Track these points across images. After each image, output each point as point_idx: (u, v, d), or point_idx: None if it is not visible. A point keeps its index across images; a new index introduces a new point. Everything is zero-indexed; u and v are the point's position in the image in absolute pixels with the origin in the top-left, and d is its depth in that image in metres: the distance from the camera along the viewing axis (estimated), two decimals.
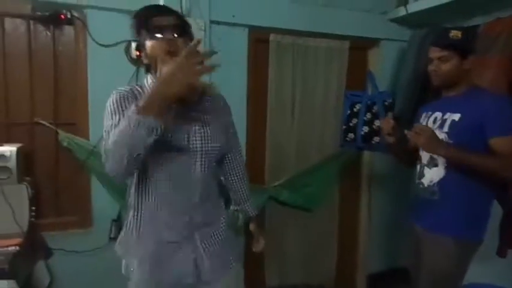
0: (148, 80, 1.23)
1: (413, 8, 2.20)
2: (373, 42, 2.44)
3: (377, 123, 2.29)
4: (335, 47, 2.32)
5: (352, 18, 2.30)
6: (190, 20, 1.89)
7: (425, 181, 1.60)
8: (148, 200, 1.21)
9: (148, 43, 1.15)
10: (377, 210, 2.60)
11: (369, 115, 2.30)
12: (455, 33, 1.51)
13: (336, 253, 2.55)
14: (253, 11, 2.07)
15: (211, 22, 2.03)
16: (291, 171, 2.34)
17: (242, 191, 1.48)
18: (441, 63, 1.51)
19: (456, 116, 1.50)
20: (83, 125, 1.95)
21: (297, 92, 2.29)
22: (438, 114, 1.58)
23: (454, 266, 1.53)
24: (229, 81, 2.08)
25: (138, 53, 1.87)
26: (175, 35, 1.15)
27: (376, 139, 2.30)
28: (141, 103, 0.98)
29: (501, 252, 1.84)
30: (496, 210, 1.84)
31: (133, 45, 1.92)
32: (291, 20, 2.18)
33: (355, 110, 2.32)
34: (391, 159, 2.31)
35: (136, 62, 1.95)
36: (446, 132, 1.52)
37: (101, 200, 2.00)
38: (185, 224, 1.23)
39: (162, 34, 1.14)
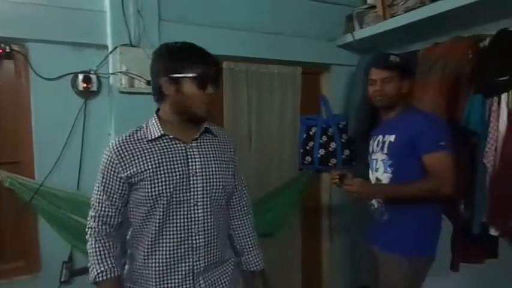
0: (152, 120, 1.25)
1: (359, 34, 2.32)
2: (324, 67, 2.53)
3: (333, 145, 2.35)
4: (288, 73, 2.37)
5: (302, 45, 2.36)
6: (139, 51, 1.91)
7: (375, 202, 1.67)
8: (146, 249, 1.20)
9: (189, 88, 1.18)
10: (339, 231, 2.63)
11: (324, 138, 2.35)
12: (393, 58, 1.63)
13: (300, 275, 2.53)
14: (206, 40, 2.05)
15: None
16: (251, 198, 2.31)
17: (249, 237, 1.41)
18: (385, 84, 1.60)
19: (392, 137, 1.60)
20: (28, 163, 1.84)
21: (252, 118, 2.31)
22: (380, 137, 1.68)
23: (408, 283, 1.58)
24: None
25: (85, 85, 1.84)
26: (215, 89, 1.22)
27: (333, 161, 2.35)
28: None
29: (454, 266, 1.91)
30: (447, 225, 1.92)
31: (81, 77, 1.85)
32: (243, 48, 2.21)
33: (311, 133, 2.37)
34: None
35: (84, 94, 1.88)
36: (386, 154, 1.61)
37: (50, 242, 1.87)
38: (187, 271, 1.21)
39: (206, 85, 1.19)
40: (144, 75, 1.92)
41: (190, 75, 1.17)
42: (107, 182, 1.20)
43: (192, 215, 1.20)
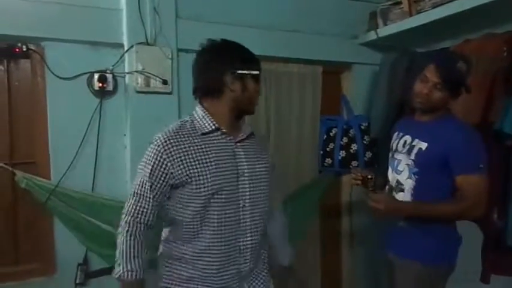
0: (200, 113, 1.24)
1: (383, 32, 2.21)
2: (346, 66, 2.44)
3: (354, 147, 2.26)
4: (308, 72, 2.29)
5: (323, 43, 2.28)
6: (155, 49, 1.87)
7: None
8: (198, 250, 1.19)
9: (252, 84, 1.23)
10: (360, 237, 2.53)
11: (345, 139, 2.27)
12: (461, 65, 1.42)
13: (319, 284, 2.44)
14: (222, 36, 1.98)
15: (179, 50, 1.96)
16: None
17: (281, 234, 1.44)
18: (435, 90, 1.45)
19: (423, 145, 1.48)
20: (43, 164, 1.82)
21: (271, 119, 2.23)
22: (408, 138, 1.56)
23: None
24: None
25: (100, 85, 1.80)
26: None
27: (354, 163, 2.27)
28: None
29: (484, 279, 1.81)
30: (478, 235, 1.81)
31: (96, 76, 1.82)
32: (261, 47, 2.09)
33: (331, 134, 2.29)
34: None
35: (100, 93, 1.85)
36: (413, 160, 1.50)
37: (65, 244, 1.84)
38: (234, 274, 1.21)
39: (260, 82, 1.28)
40: (160, 75, 1.88)
41: (254, 72, 1.23)
42: (153, 177, 1.16)
43: (241, 216, 1.20)
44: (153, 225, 1.22)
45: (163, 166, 1.15)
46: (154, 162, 1.16)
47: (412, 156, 1.50)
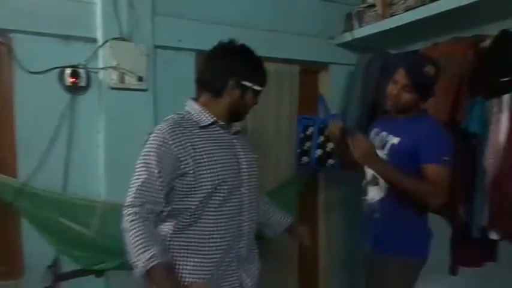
0: (196, 107, 1.26)
1: (358, 33, 2.27)
2: (322, 66, 2.48)
3: (330, 145, 2.29)
4: (285, 71, 2.30)
5: (300, 43, 2.31)
6: (131, 45, 1.83)
7: (368, 198, 1.64)
8: (202, 239, 1.20)
9: (250, 97, 1.28)
10: (336, 232, 2.58)
11: (321, 138, 2.30)
12: (428, 69, 1.48)
13: (297, 281, 2.47)
14: (200, 35, 1.99)
15: (156, 47, 1.93)
16: None
17: (270, 206, 1.53)
18: (404, 92, 1.51)
19: (396, 140, 1.55)
20: (10, 161, 1.73)
21: (248, 118, 2.22)
22: (383, 134, 1.62)
23: (401, 284, 1.57)
24: (177, 106, 1.97)
25: (72, 80, 1.76)
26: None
27: (331, 161, 2.30)
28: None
29: (453, 270, 1.88)
30: (446, 229, 1.89)
31: (68, 71, 1.76)
32: None
33: (308, 133, 2.31)
34: (348, 182, 2.34)
35: (72, 89, 1.78)
36: (386, 154, 1.57)
37: (33, 245, 1.76)
38: (233, 258, 1.23)
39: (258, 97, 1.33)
40: (135, 71, 1.84)
41: (256, 87, 1.27)
42: (160, 163, 1.14)
43: (242, 203, 1.24)
44: (159, 216, 1.19)
45: (171, 151, 1.15)
46: (160, 148, 1.15)
47: (386, 151, 1.57)
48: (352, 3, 2.39)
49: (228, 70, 1.24)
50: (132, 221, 1.12)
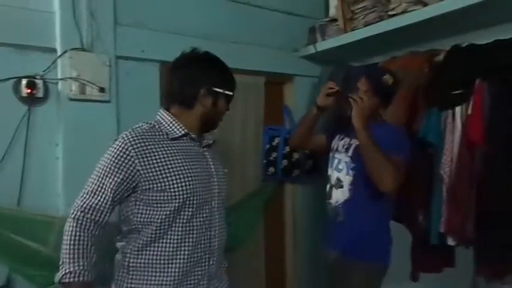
0: (168, 118, 1.23)
1: (321, 46, 2.33)
2: (287, 77, 2.52)
3: (295, 156, 2.32)
4: (251, 83, 2.32)
5: (265, 55, 2.34)
6: (92, 55, 1.79)
7: (333, 201, 1.67)
8: (167, 254, 1.15)
9: (222, 103, 1.27)
10: (303, 241, 2.59)
11: (287, 148, 2.33)
12: (387, 78, 1.59)
13: (264, 285, 2.45)
14: (164, 46, 1.97)
15: (118, 57, 1.90)
16: None
17: None
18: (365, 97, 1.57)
19: (358, 142, 1.59)
20: None
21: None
22: (347, 139, 1.69)
23: None
24: (140, 117, 1.93)
25: (29, 91, 1.70)
26: None
27: (296, 172, 2.33)
28: None
29: (414, 277, 1.93)
30: (407, 236, 1.95)
31: (24, 81, 1.69)
32: None
33: (274, 144, 2.34)
34: (314, 191, 2.37)
35: (28, 100, 1.72)
36: (350, 156, 1.62)
37: None
38: (202, 275, 1.20)
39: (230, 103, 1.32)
40: (97, 82, 1.80)
41: (228, 92, 1.27)
42: (116, 172, 1.10)
43: (212, 217, 1.20)
44: (104, 226, 1.15)
45: (130, 163, 1.10)
46: (120, 157, 1.10)
47: (350, 153, 1.62)
48: (316, 17, 2.46)
49: (197, 79, 1.22)
50: (71, 227, 1.10)
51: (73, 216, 1.12)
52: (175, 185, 1.13)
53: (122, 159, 1.11)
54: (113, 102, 1.87)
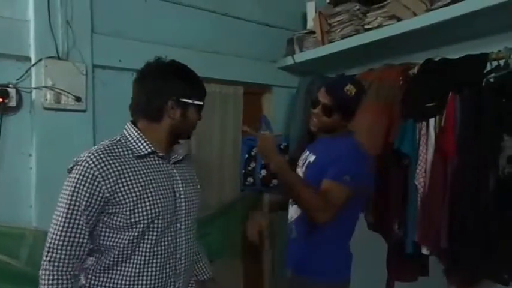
0: (134, 134, 1.17)
1: (299, 58, 2.37)
2: (266, 88, 2.54)
3: None
4: (230, 93, 2.34)
5: (244, 65, 2.36)
6: (68, 64, 1.76)
7: (289, 217, 1.63)
8: (130, 278, 1.10)
9: (193, 114, 1.20)
10: (280, 254, 2.58)
11: None
12: (349, 89, 1.45)
13: None
14: (142, 55, 1.94)
15: (95, 66, 1.88)
16: None
17: (197, 248, 1.39)
18: (324, 111, 1.48)
19: (312, 158, 1.56)
20: None
21: (191, 138, 2.20)
22: (306, 153, 1.63)
23: None
24: (117, 128, 1.91)
25: (1, 100, 1.66)
26: None
27: (275, 181, 2.33)
28: None
29: (389, 286, 1.95)
30: (383, 245, 1.97)
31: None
32: None
33: (252, 154, 2.34)
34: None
35: (0, 109, 1.67)
36: (303, 172, 1.57)
37: None
38: None
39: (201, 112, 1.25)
40: (72, 91, 1.78)
41: (197, 102, 1.20)
42: (84, 199, 1.04)
43: (178, 239, 1.16)
44: (83, 260, 1.10)
45: (96, 186, 1.04)
46: (85, 182, 1.04)
47: (303, 169, 1.57)
48: (294, 29, 2.50)
49: (163, 91, 1.14)
50: (46, 271, 1.05)
51: (49, 259, 1.05)
52: (140, 210, 1.08)
53: (87, 184, 1.04)
54: (89, 111, 1.85)
